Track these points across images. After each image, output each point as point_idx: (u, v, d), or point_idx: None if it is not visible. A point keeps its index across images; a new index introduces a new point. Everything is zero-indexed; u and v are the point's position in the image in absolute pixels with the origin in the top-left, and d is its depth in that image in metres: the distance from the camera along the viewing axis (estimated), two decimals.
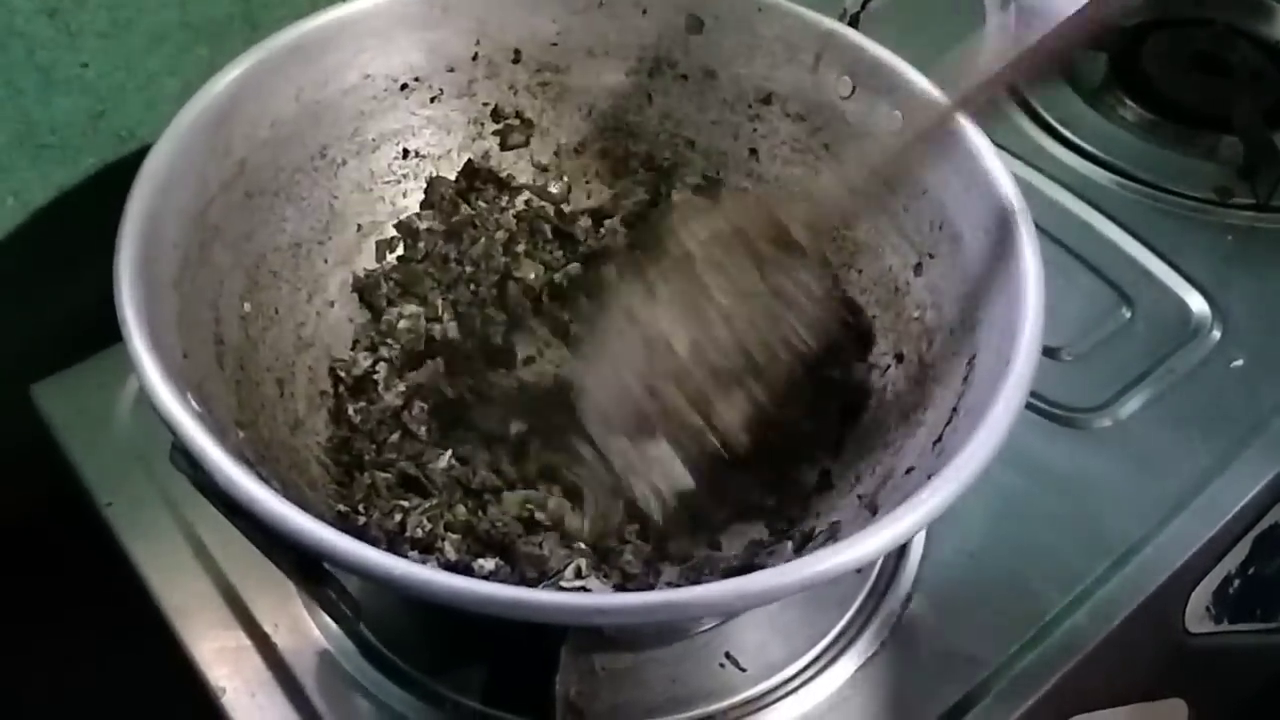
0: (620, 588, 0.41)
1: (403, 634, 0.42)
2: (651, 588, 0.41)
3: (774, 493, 0.45)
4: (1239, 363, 0.54)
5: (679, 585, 0.41)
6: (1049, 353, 0.54)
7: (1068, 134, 0.65)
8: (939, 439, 0.39)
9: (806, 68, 0.49)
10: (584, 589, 0.39)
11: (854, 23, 0.48)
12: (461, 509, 0.41)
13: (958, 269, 0.43)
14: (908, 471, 0.39)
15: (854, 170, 0.43)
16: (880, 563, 0.46)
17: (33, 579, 0.57)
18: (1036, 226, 0.58)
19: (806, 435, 0.45)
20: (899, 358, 0.46)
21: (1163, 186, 0.62)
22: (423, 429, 0.45)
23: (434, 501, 0.41)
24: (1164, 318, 0.56)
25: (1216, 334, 0.55)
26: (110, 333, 0.51)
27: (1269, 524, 0.50)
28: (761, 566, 0.39)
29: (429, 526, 0.40)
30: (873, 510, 0.39)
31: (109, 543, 0.46)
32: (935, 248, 0.45)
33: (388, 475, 0.42)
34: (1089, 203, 0.61)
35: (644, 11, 0.50)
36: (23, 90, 0.51)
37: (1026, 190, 0.60)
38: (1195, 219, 0.61)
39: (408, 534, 0.40)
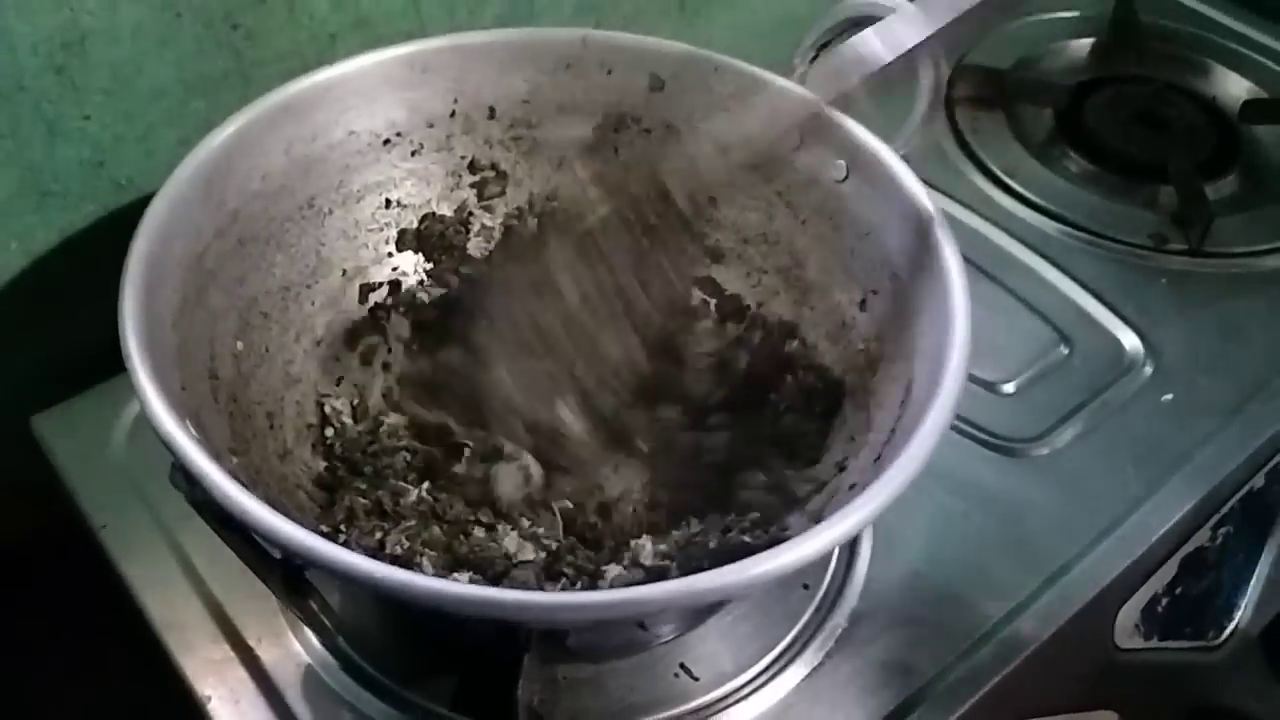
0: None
1: (379, 646, 0.45)
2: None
3: (734, 511, 0.48)
4: (1169, 397, 0.57)
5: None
6: (989, 387, 0.58)
7: (1014, 185, 0.68)
8: (879, 457, 0.42)
9: (759, 122, 0.53)
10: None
11: (803, 81, 0.52)
12: (437, 530, 0.44)
13: (897, 304, 0.47)
14: (851, 487, 0.43)
15: (731, 148, 0.46)
16: (828, 580, 0.49)
17: (23, 605, 0.60)
18: (982, 271, 0.63)
19: (777, 461, 0.49)
20: (846, 388, 0.49)
21: (1103, 234, 0.66)
22: (401, 461, 0.48)
23: (412, 523, 0.44)
24: (1100, 355, 0.59)
25: (1149, 370, 0.58)
26: (106, 367, 0.55)
27: (1194, 546, 0.54)
28: None
29: (407, 544, 0.43)
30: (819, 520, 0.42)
31: (103, 563, 0.49)
32: (878, 285, 0.48)
33: (365, 502, 0.45)
34: (1032, 249, 0.65)
35: (609, 72, 0.54)
36: (29, 141, 0.55)
37: (972, 237, 0.65)
38: (1132, 264, 0.65)
39: (387, 551, 0.43)
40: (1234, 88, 0.76)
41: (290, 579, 0.37)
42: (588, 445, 0.47)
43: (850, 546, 0.50)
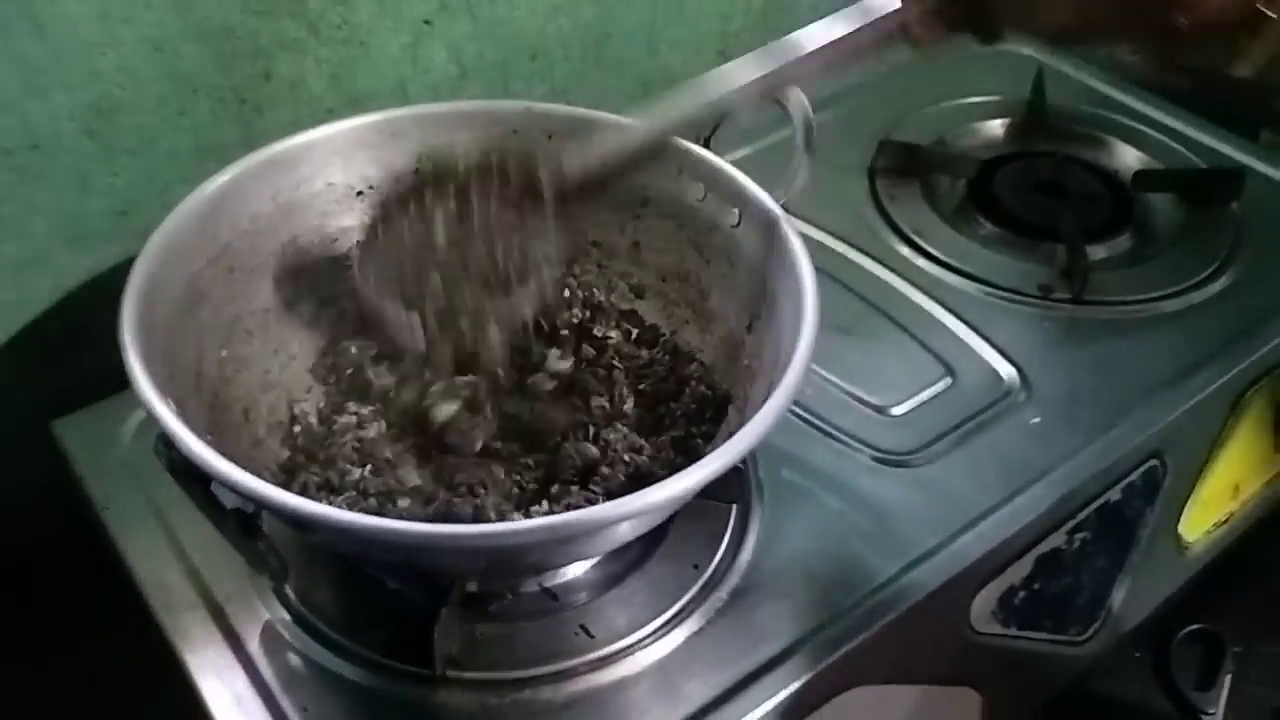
0: None
1: (325, 601, 0.54)
2: None
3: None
4: (1037, 420, 0.65)
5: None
6: (880, 410, 0.66)
7: (921, 243, 0.77)
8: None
9: (673, 178, 0.62)
10: None
11: (706, 144, 0.62)
12: (373, 502, 0.53)
13: (773, 324, 0.55)
14: None
15: (590, 158, 0.54)
16: (715, 561, 0.56)
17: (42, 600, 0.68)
18: (886, 315, 0.71)
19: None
20: (731, 398, 0.58)
21: (996, 284, 0.74)
22: (350, 449, 0.57)
23: (352, 494, 0.53)
24: (979, 385, 0.67)
25: (1023, 398, 0.66)
26: (119, 383, 0.64)
27: (1050, 548, 0.61)
28: None
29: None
30: None
31: (104, 540, 0.58)
32: (760, 311, 0.57)
33: (317, 479, 0.54)
34: (931, 297, 0.73)
35: (549, 136, 0.64)
36: (64, 193, 0.65)
37: (880, 286, 0.74)
38: (1020, 310, 0.73)
39: None
40: (1129, 159, 0.85)
41: (243, 525, 0.46)
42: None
43: (738, 536, 0.58)
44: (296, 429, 0.58)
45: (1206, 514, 0.71)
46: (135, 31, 0.63)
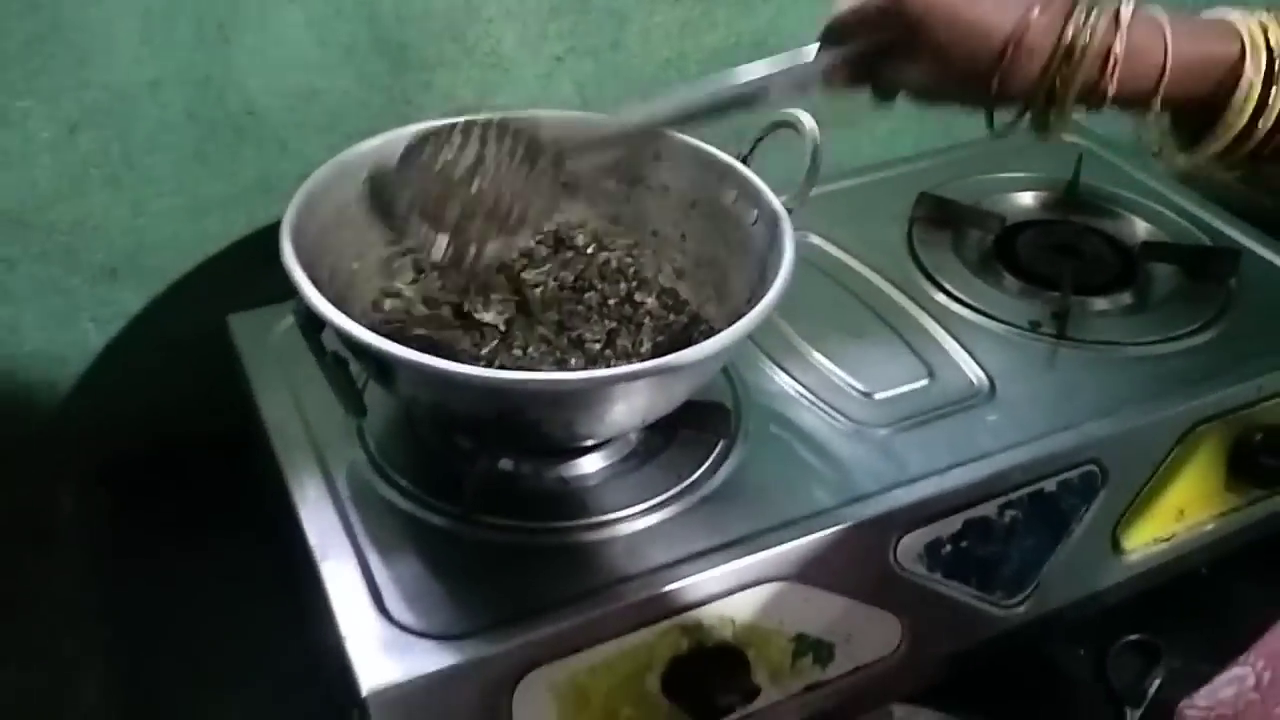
0: None
1: (390, 447, 0.72)
2: None
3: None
4: (993, 418, 0.77)
5: None
6: (865, 395, 0.79)
7: (940, 280, 0.91)
8: None
9: (715, 186, 0.79)
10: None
11: (744, 160, 0.78)
12: None
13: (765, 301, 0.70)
14: None
15: (580, 137, 0.69)
16: (696, 474, 0.71)
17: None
18: (891, 328, 0.85)
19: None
20: None
21: (993, 315, 0.87)
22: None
23: None
24: (953, 386, 0.80)
25: (986, 400, 0.79)
26: (284, 297, 0.84)
27: (979, 515, 0.73)
28: None
29: None
30: None
31: (249, 399, 0.78)
32: (758, 290, 0.71)
33: None
34: (935, 319, 0.86)
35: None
36: (267, 152, 0.85)
37: (896, 311, 0.88)
38: (1008, 338, 0.85)
39: None
40: (1140, 232, 0.98)
41: (337, 362, 0.64)
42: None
43: (719, 461, 0.73)
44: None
45: (1148, 528, 0.81)
46: (336, 38, 0.84)
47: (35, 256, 0.82)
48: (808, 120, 0.74)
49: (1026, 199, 1.02)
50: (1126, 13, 0.55)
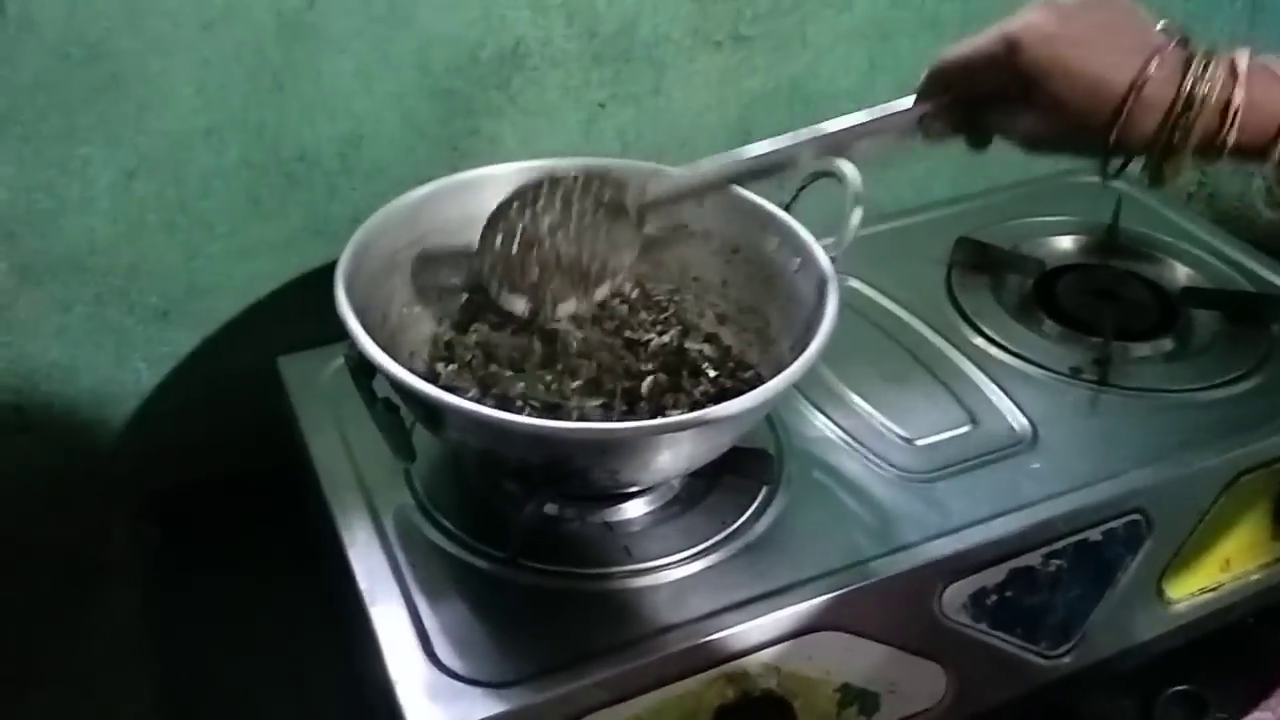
0: None
1: (437, 492, 0.73)
2: None
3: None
4: (1036, 465, 0.77)
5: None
6: (907, 440, 0.80)
7: (980, 325, 0.91)
8: None
9: (758, 233, 0.80)
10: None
11: (787, 209, 0.79)
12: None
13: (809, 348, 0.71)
14: None
15: (662, 190, 0.74)
16: (740, 521, 0.72)
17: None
18: (932, 374, 0.85)
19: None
20: None
21: (1034, 360, 0.87)
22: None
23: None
24: (996, 433, 0.80)
25: (1029, 447, 0.79)
26: (332, 338, 0.86)
27: (1025, 564, 0.73)
28: None
29: None
30: None
31: (298, 441, 0.79)
32: (803, 338, 0.72)
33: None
34: (975, 364, 0.87)
35: None
36: (317, 197, 0.87)
37: (935, 355, 0.88)
38: (1049, 384, 0.85)
39: None
40: (1182, 277, 0.97)
41: (388, 409, 0.65)
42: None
43: (763, 508, 0.73)
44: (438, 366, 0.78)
45: (1194, 578, 0.80)
46: (384, 86, 0.86)
47: (91, 299, 0.84)
48: (850, 170, 0.74)
49: (1065, 243, 1.02)
50: (1243, 63, 0.55)
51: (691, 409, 0.73)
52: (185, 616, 0.85)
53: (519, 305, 0.73)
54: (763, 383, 0.74)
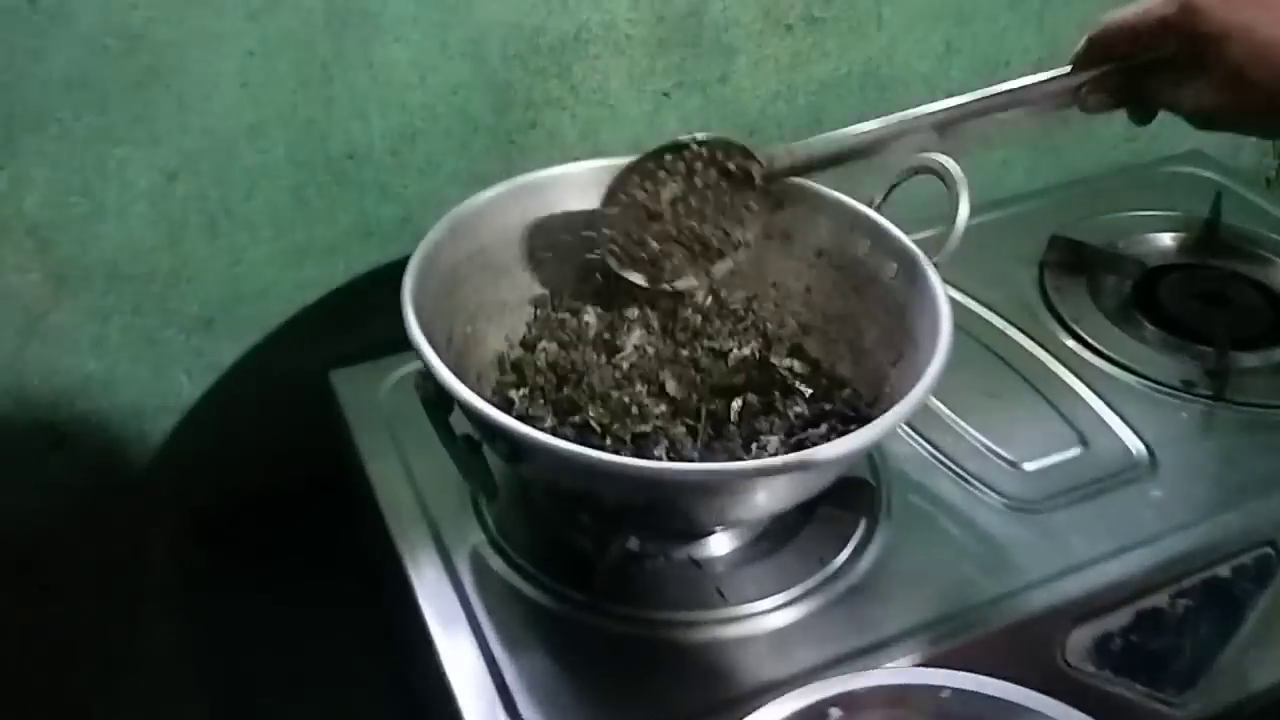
0: None
1: (514, 530, 0.67)
2: None
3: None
4: (1157, 494, 0.71)
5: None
6: (1012, 464, 0.74)
7: (1080, 331, 0.84)
8: None
9: (845, 235, 0.73)
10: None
11: (878, 208, 0.72)
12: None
13: (913, 363, 0.65)
14: None
15: (792, 159, 0.71)
16: (839, 561, 0.66)
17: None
18: (1031, 385, 0.79)
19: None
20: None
21: (1144, 374, 0.81)
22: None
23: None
24: (1110, 456, 0.74)
25: (1147, 473, 0.73)
26: (385, 348, 0.80)
27: (1151, 605, 0.67)
28: None
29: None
30: None
31: (355, 467, 0.73)
32: (904, 350, 0.67)
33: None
34: (1079, 377, 0.80)
35: None
36: (366, 196, 0.82)
37: (1035, 365, 0.82)
38: (1161, 400, 0.79)
39: None
40: None
41: (470, 448, 0.59)
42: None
43: (864, 543, 0.67)
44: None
45: None
46: (439, 77, 0.80)
47: (130, 308, 0.79)
48: (952, 165, 0.68)
49: (1163, 240, 0.96)
50: None
51: (788, 433, 0.67)
52: (233, 646, 0.80)
53: (637, 279, 0.70)
54: (861, 399, 0.69)
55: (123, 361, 0.81)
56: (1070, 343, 0.84)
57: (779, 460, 0.54)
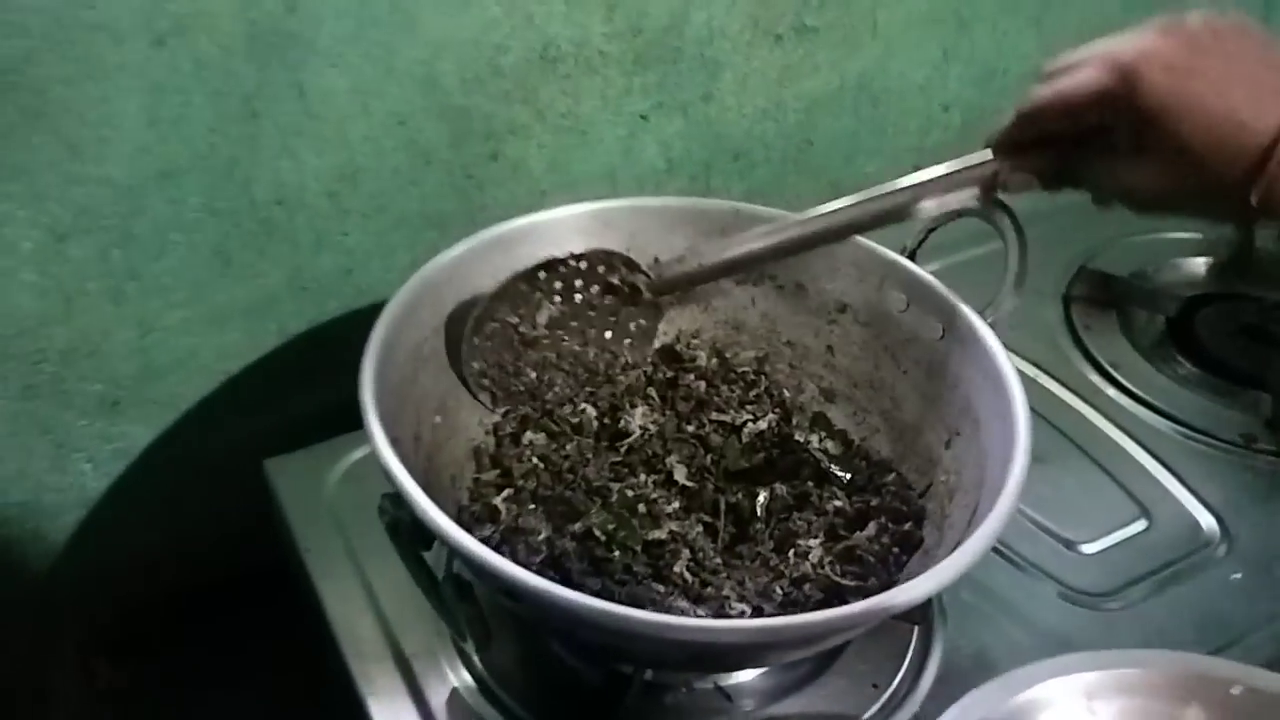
0: None
1: (510, 672, 0.55)
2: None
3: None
4: (1238, 576, 0.62)
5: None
6: (1069, 545, 0.64)
7: (1118, 377, 0.76)
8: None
9: (874, 287, 0.63)
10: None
11: (912, 256, 0.62)
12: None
13: (975, 444, 0.55)
14: None
15: (683, 270, 0.64)
16: (896, 680, 0.56)
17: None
18: (1078, 447, 0.70)
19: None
20: (925, 514, 0.57)
21: (1197, 428, 0.72)
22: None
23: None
24: (1177, 532, 0.65)
25: (1223, 550, 0.64)
26: (329, 429, 0.68)
27: None
28: None
29: None
30: None
31: (302, 581, 0.61)
32: (961, 428, 0.57)
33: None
34: (1127, 433, 0.72)
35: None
36: (300, 247, 0.70)
37: (1073, 417, 0.73)
38: (1221, 458, 0.70)
39: None
40: None
41: (459, 591, 0.47)
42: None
43: (920, 657, 0.57)
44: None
45: None
46: (384, 105, 0.67)
47: (17, 391, 0.65)
48: (1007, 208, 0.58)
49: (1193, 266, 0.87)
50: None
51: (829, 534, 0.56)
52: None
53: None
54: (911, 491, 0.59)
55: (11, 456, 0.68)
56: (1111, 391, 0.75)
57: (857, 609, 0.43)
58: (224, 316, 0.70)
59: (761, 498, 0.58)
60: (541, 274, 0.62)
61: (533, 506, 0.56)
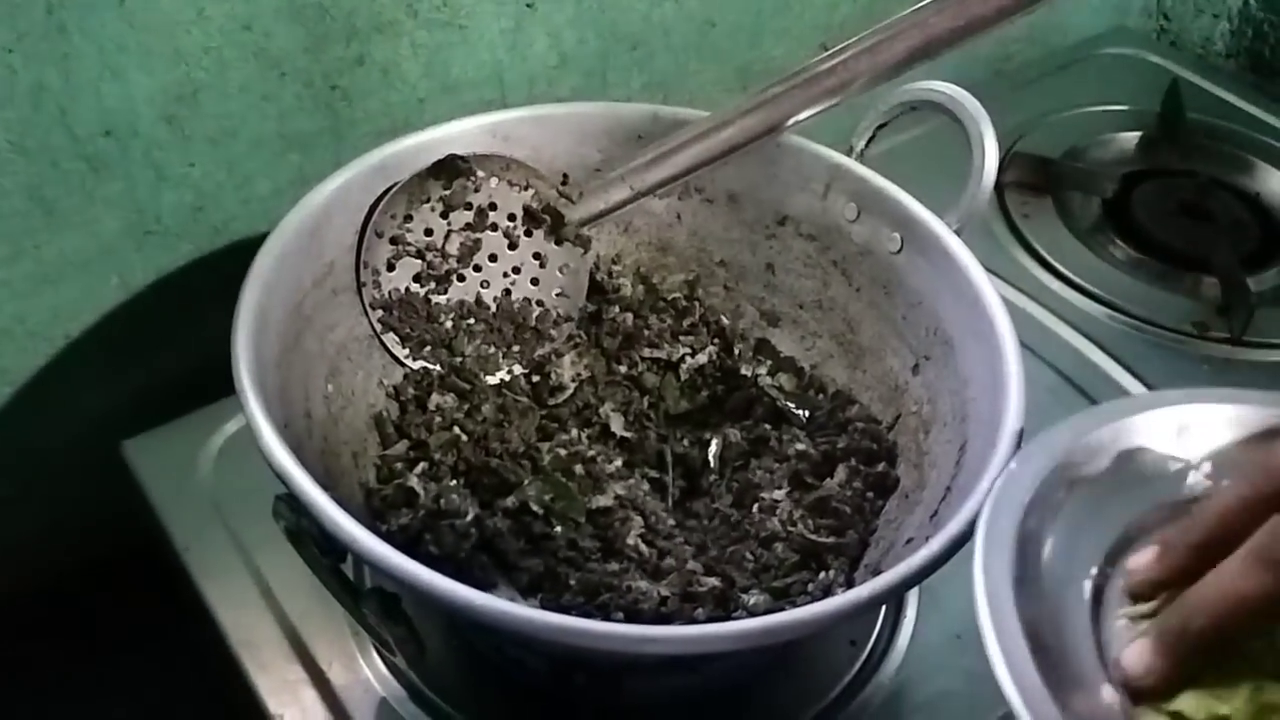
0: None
1: (445, 677, 0.47)
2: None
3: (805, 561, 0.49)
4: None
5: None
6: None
7: (1061, 268, 0.71)
8: (935, 513, 0.44)
9: (818, 195, 0.56)
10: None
11: (860, 157, 0.55)
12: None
13: (950, 369, 0.49)
14: (907, 542, 0.45)
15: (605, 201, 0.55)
16: (873, 639, 0.50)
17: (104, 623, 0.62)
18: (1027, 347, 0.64)
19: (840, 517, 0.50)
20: (898, 451, 0.52)
21: (1146, 319, 0.68)
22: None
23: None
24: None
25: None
26: (194, 398, 0.58)
27: None
28: None
29: None
30: (876, 574, 0.43)
31: (184, 584, 0.52)
32: (930, 351, 0.51)
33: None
34: (1076, 329, 0.67)
35: (639, 137, 0.57)
36: (138, 184, 0.59)
37: (1021, 316, 0.67)
38: (1174, 349, 0.67)
39: None
40: (1276, 184, 0.79)
41: (385, 606, 0.39)
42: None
43: (896, 608, 0.52)
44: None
45: None
46: (223, 8, 0.56)
47: None
48: (967, 100, 0.51)
49: (1124, 142, 0.82)
50: None
51: (794, 483, 0.50)
52: None
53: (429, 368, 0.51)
54: (879, 425, 0.53)
55: None
56: (1053, 284, 0.70)
57: (864, 594, 0.37)
58: (53, 274, 0.59)
59: (714, 445, 0.51)
60: (443, 179, 0.52)
61: (454, 482, 0.48)
